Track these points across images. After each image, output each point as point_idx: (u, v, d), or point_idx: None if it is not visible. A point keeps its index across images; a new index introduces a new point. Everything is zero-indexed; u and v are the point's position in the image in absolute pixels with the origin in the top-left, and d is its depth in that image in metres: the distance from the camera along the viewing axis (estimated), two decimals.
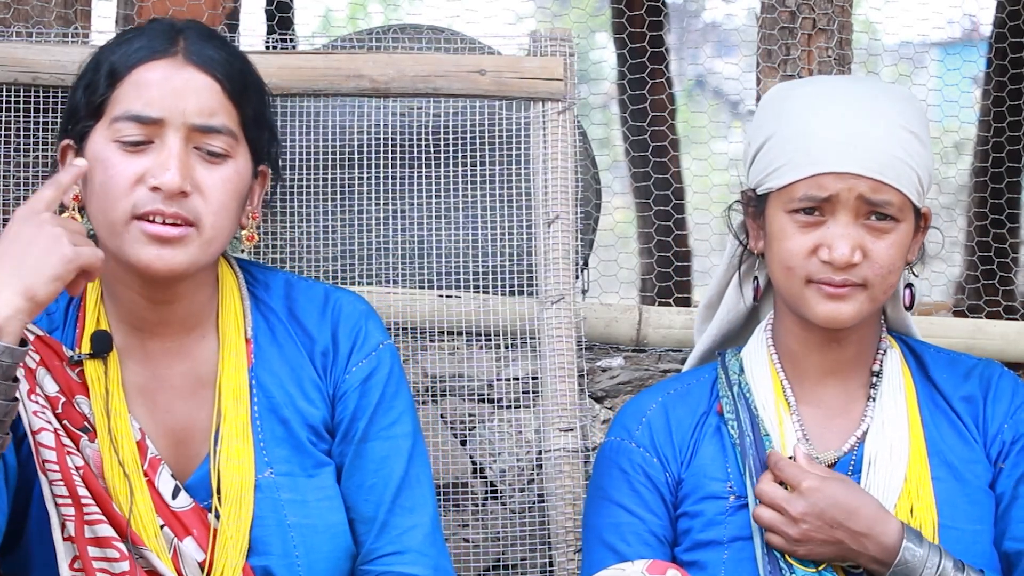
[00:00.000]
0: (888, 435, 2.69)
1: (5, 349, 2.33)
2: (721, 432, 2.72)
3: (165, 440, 2.60)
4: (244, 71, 2.58)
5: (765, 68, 3.47)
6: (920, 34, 4.14)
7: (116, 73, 2.51)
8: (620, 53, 5.84)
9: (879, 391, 2.72)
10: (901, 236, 2.62)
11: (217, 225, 2.51)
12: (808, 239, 2.61)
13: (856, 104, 2.62)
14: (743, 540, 2.64)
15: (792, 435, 2.68)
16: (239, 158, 2.54)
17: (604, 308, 3.42)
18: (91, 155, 2.50)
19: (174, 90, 2.49)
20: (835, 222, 2.59)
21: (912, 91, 2.74)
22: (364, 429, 2.66)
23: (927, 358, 2.80)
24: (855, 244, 2.58)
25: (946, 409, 2.75)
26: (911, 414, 2.72)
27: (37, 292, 2.35)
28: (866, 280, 2.61)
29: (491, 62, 3.26)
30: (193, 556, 2.54)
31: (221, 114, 2.52)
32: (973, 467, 2.70)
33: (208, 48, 2.54)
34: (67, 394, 2.55)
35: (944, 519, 2.64)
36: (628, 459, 2.73)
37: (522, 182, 3.30)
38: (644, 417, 2.75)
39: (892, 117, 2.60)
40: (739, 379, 2.74)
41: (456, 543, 3.25)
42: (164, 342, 2.60)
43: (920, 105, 2.70)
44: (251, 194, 2.61)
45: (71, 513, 2.50)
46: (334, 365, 2.67)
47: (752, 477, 2.65)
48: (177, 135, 2.49)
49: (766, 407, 2.70)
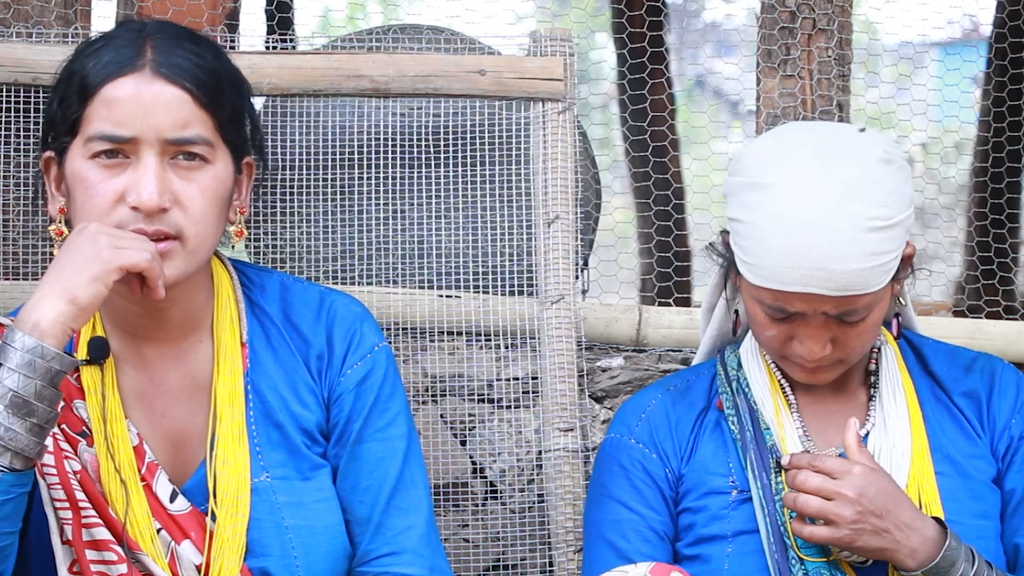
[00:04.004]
0: (890, 433, 2.69)
1: (55, 356, 2.35)
2: (721, 427, 2.72)
3: (162, 445, 2.60)
4: (216, 70, 2.54)
5: (765, 68, 3.47)
6: (920, 34, 4.14)
7: (86, 89, 2.49)
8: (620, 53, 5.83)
9: (878, 389, 2.73)
10: (877, 317, 2.62)
11: (200, 235, 2.50)
12: (782, 330, 2.61)
13: (821, 221, 2.52)
14: (747, 534, 2.64)
15: (792, 430, 2.69)
16: (218, 162, 2.53)
17: (604, 308, 3.42)
18: (71, 172, 2.51)
19: (144, 106, 2.47)
20: (805, 325, 2.59)
21: (890, 150, 2.62)
22: (359, 431, 2.66)
23: (926, 351, 2.80)
24: (825, 342, 2.60)
25: (947, 403, 2.74)
26: (912, 410, 2.71)
27: (77, 295, 2.37)
28: (842, 360, 2.64)
29: (491, 62, 3.26)
30: (191, 559, 2.54)
31: (194, 124, 2.50)
32: (975, 462, 2.70)
33: (176, 56, 2.50)
34: (66, 399, 2.55)
35: (948, 514, 2.63)
36: (628, 455, 2.73)
37: (522, 182, 3.30)
38: (644, 413, 2.76)
39: (861, 223, 2.53)
40: (737, 374, 2.75)
41: (456, 543, 3.25)
42: (161, 347, 2.60)
43: (897, 177, 2.60)
44: (237, 188, 2.60)
45: (69, 517, 2.51)
46: (329, 368, 2.67)
47: (754, 471, 2.65)
48: (151, 151, 2.47)
49: (765, 404, 2.71)
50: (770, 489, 2.64)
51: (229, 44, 3.26)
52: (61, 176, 2.54)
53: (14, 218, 3.21)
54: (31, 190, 2.64)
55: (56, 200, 2.56)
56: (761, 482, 2.65)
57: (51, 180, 2.57)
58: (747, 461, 2.67)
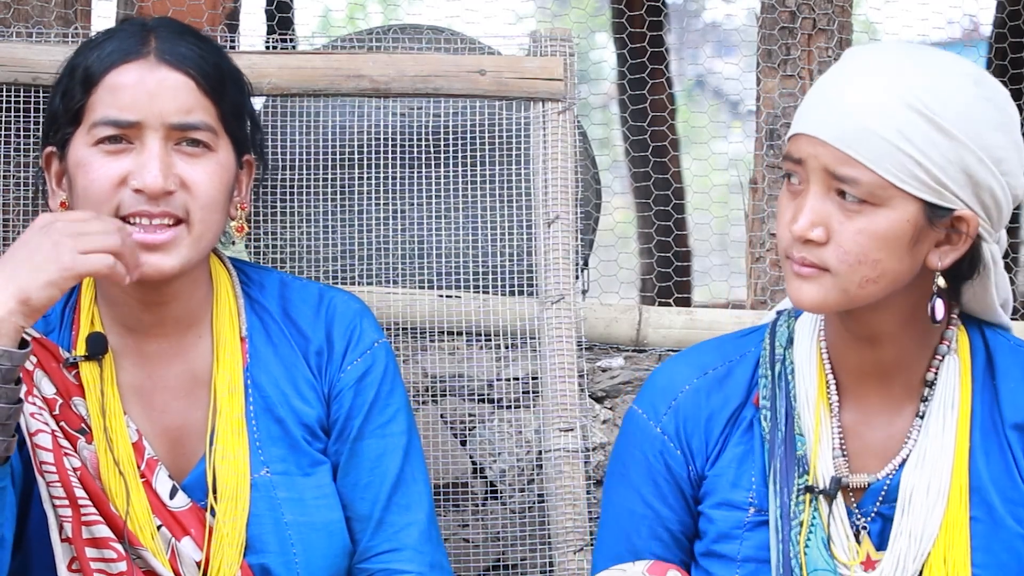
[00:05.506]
0: (928, 469, 2.41)
1: (4, 352, 2.34)
2: (753, 429, 2.49)
3: (162, 441, 2.60)
4: (219, 64, 2.57)
5: (765, 68, 3.47)
6: (920, 34, 4.14)
7: (90, 78, 2.51)
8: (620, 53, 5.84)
9: (929, 408, 2.43)
10: (879, 223, 2.29)
11: (206, 219, 2.51)
12: (791, 209, 2.35)
13: (875, 68, 2.32)
14: (757, 563, 2.45)
15: (827, 444, 2.44)
16: (221, 151, 2.54)
17: (604, 308, 3.42)
18: (73, 161, 2.51)
19: (149, 92, 2.49)
20: (806, 192, 2.33)
21: (987, 82, 2.37)
22: (359, 427, 2.66)
23: (999, 360, 2.46)
24: (816, 220, 2.30)
25: (1000, 432, 2.43)
26: (960, 440, 2.42)
27: (31, 296, 2.35)
28: (827, 264, 2.31)
29: (491, 62, 3.26)
30: (191, 556, 2.55)
31: (198, 110, 2.52)
32: (1015, 509, 2.40)
33: (180, 45, 2.53)
34: (64, 396, 2.55)
35: (977, 568, 2.38)
36: (651, 446, 2.54)
37: (522, 182, 3.30)
38: (675, 400, 2.54)
39: (901, 92, 2.28)
40: (784, 354, 2.50)
41: (456, 543, 3.25)
42: (160, 343, 2.60)
43: (980, 103, 2.34)
44: (238, 185, 2.61)
45: (68, 514, 2.51)
46: (329, 364, 2.67)
47: (776, 482, 2.44)
48: (156, 136, 2.49)
49: (806, 404, 2.46)
50: (788, 511, 2.43)
51: (229, 44, 3.26)
52: (63, 170, 2.55)
53: (14, 218, 3.21)
54: (31, 189, 2.64)
55: (57, 195, 2.57)
56: (781, 500, 2.44)
57: (52, 175, 2.57)
58: (771, 470, 2.45)
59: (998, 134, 2.32)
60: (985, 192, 2.32)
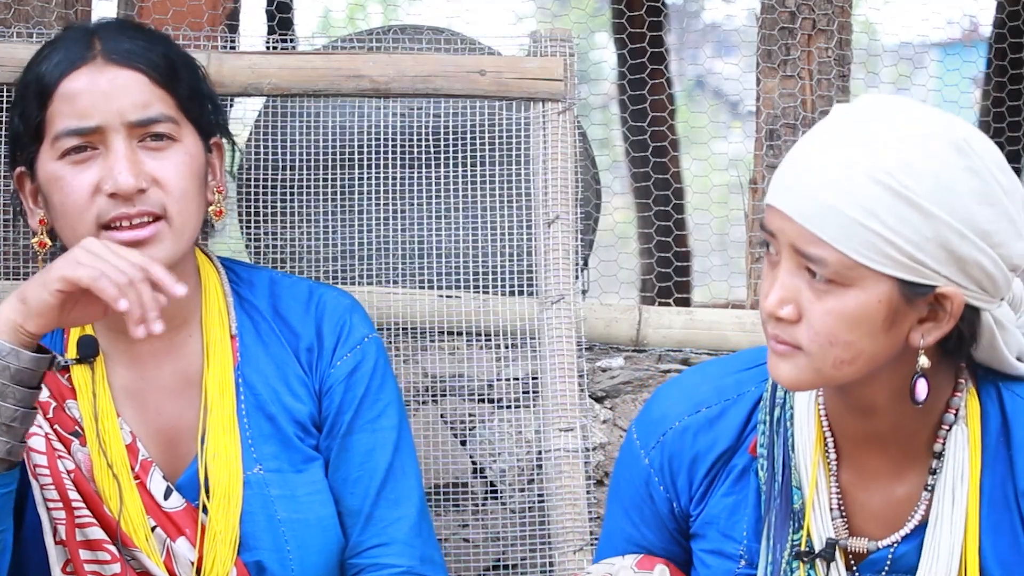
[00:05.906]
0: (935, 544, 2.28)
1: (10, 351, 2.34)
2: (746, 479, 2.39)
3: (156, 441, 2.61)
4: (167, 54, 2.57)
5: (765, 68, 3.47)
6: (920, 34, 4.14)
7: (44, 91, 2.52)
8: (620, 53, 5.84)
9: (937, 481, 2.29)
10: (848, 304, 2.15)
11: (184, 212, 2.52)
12: (768, 281, 2.23)
13: (844, 137, 2.16)
14: None
15: (824, 502, 2.33)
16: (186, 140, 2.55)
17: (604, 308, 3.42)
18: (43, 178, 2.52)
19: (103, 93, 2.50)
20: (779, 267, 2.20)
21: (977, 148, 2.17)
22: (349, 422, 2.67)
23: (1016, 427, 2.29)
24: (786, 297, 2.18)
25: (1012, 506, 2.29)
26: (970, 515, 2.28)
27: (28, 296, 2.37)
28: (799, 343, 2.19)
29: (491, 62, 3.26)
30: (186, 556, 2.55)
31: (156, 103, 2.52)
32: None
33: (125, 42, 2.53)
34: (57, 399, 2.56)
35: None
36: (639, 475, 2.48)
37: (522, 182, 3.30)
38: (663, 436, 2.45)
39: (867, 166, 2.12)
40: (784, 398, 2.37)
41: (456, 543, 3.25)
42: (151, 343, 2.59)
43: (962, 174, 2.14)
44: (211, 169, 2.62)
45: (62, 517, 2.51)
46: (319, 360, 2.68)
47: (770, 536, 2.33)
48: (119, 136, 2.49)
49: (803, 454, 2.33)
50: (779, 569, 2.32)
51: (229, 44, 3.27)
52: (36, 188, 2.56)
53: (14, 218, 3.21)
54: (12, 207, 2.66)
55: (35, 213, 2.59)
56: (773, 556, 2.33)
57: (27, 195, 2.59)
58: (766, 522, 2.34)
59: (983, 207, 2.14)
60: (972, 267, 2.15)
